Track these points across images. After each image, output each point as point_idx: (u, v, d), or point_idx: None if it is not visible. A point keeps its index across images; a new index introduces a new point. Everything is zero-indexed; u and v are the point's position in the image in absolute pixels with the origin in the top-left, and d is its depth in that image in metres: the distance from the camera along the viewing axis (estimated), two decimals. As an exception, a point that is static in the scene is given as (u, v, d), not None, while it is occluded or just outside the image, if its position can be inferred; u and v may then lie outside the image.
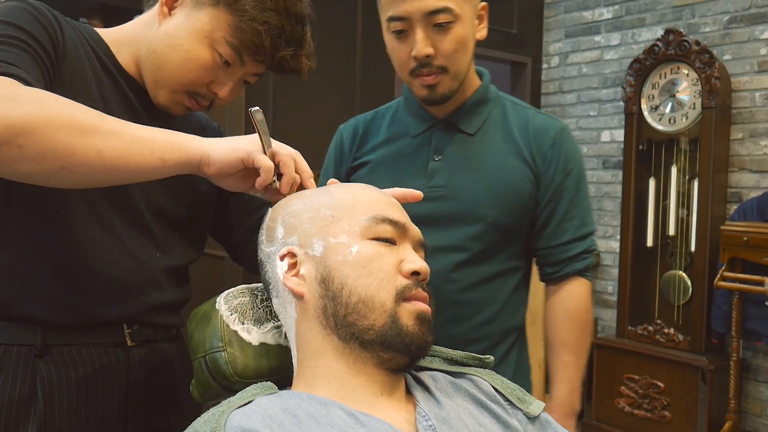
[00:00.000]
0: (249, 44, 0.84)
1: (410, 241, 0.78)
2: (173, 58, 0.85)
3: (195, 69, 0.85)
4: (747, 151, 2.88)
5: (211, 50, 0.85)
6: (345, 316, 0.71)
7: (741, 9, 2.89)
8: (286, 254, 0.76)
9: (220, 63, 0.85)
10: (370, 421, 0.67)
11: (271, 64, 0.88)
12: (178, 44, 0.84)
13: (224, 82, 0.88)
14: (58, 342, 0.83)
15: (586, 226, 1.19)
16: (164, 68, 0.86)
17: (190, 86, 0.87)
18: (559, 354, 1.20)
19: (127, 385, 0.88)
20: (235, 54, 0.85)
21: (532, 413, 0.78)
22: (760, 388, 2.86)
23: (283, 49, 0.86)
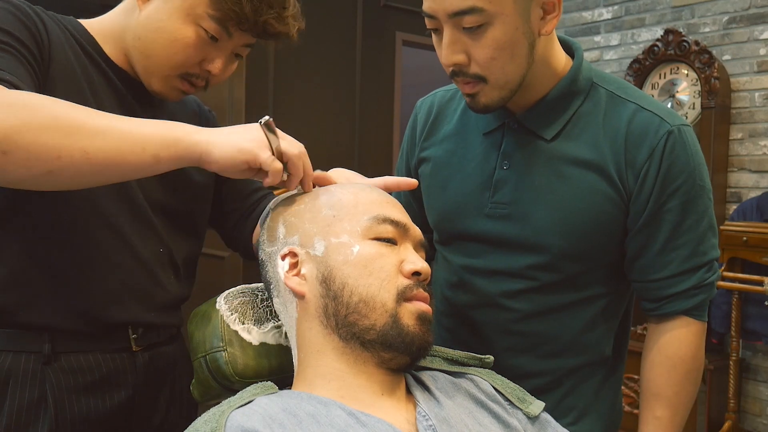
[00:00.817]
0: (230, 13, 0.81)
1: (411, 241, 0.78)
2: (159, 42, 0.83)
3: (182, 49, 0.83)
4: (746, 151, 2.88)
5: (195, 27, 0.82)
6: (346, 315, 0.71)
7: (740, 9, 2.89)
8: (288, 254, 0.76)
9: (207, 39, 0.83)
10: (371, 420, 0.67)
11: (257, 31, 0.85)
12: (162, 27, 0.82)
13: (215, 58, 0.86)
14: (65, 349, 0.83)
15: (700, 256, 0.92)
16: (152, 54, 0.84)
17: (182, 68, 0.85)
18: (651, 406, 0.97)
19: (134, 389, 0.88)
20: (220, 27, 0.83)
21: (532, 413, 0.78)
22: (760, 387, 2.87)
23: (266, 12, 0.83)
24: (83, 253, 0.83)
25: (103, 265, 0.84)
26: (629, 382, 2.92)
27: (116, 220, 0.85)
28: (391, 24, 2.89)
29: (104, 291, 0.85)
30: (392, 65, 2.91)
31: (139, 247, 0.87)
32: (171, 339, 0.97)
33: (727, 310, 2.68)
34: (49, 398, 0.81)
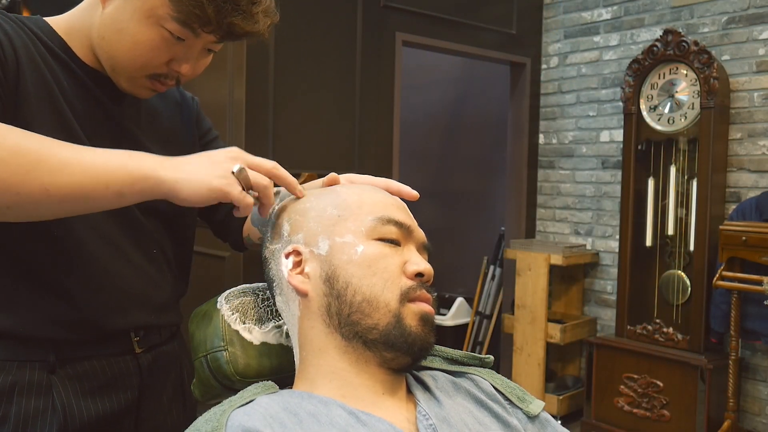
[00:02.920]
0: (192, 16, 0.75)
1: (414, 242, 0.78)
2: (122, 44, 0.78)
3: (147, 52, 0.78)
4: (745, 151, 2.89)
5: (158, 29, 0.77)
6: (349, 315, 0.71)
7: (739, 9, 2.90)
8: (292, 252, 0.76)
9: (172, 40, 0.78)
10: (371, 420, 0.67)
11: (222, 33, 0.78)
12: (124, 28, 0.77)
13: (183, 58, 0.81)
14: (70, 356, 0.83)
15: None
16: (116, 56, 0.80)
17: (148, 69, 0.80)
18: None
19: (139, 390, 0.89)
20: (185, 28, 0.77)
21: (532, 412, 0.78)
22: (759, 387, 2.87)
23: (231, 13, 0.76)
24: (80, 268, 0.82)
25: (101, 276, 0.84)
26: (629, 382, 2.93)
27: (109, 230, 0.84)
28: (391, 24, 2.89)
29: (105, 300, 0.85)
30: (392, 65, 2.91)
31: (133, 253, 0.87)
32: (171, 337, 0.97)
33: (727, 310, 2.68)
34: (57, 404, 0.81)
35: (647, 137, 3.01)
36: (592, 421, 3.06)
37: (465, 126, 4.27)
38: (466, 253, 4.19)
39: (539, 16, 3.62)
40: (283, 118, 2.56)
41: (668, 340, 2.88)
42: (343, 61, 2.75)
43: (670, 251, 3.01)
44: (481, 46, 3.32)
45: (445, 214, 4.30)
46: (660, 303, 3.03)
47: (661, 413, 2.82)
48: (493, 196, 4.10)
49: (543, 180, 3.66)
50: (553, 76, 3.60)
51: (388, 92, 2.91)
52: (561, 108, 3.57)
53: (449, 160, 4.37)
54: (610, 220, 3.38)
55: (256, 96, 2.48)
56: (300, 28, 2.60)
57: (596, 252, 3.42)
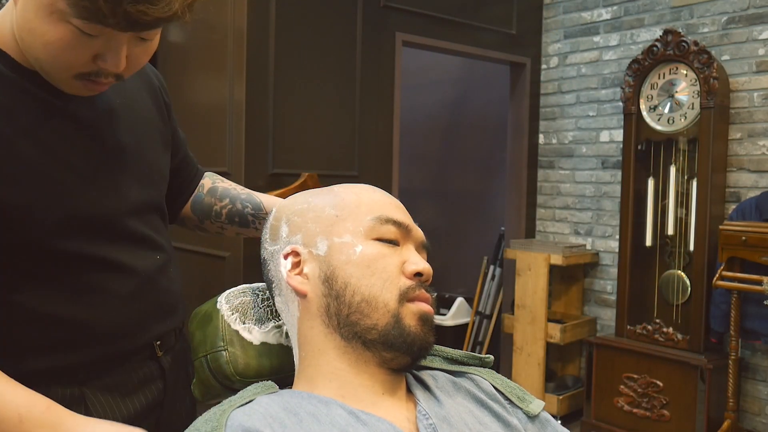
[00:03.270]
0: (85, 11, 0.65)
1: (413, 242, 0.78)
2: (36, 45, 0.70)
3: (62, 51, 0.69)
4: (745, 151, 2.89)
5: (65, 25, 0.67)
6: (348, 315, 0.71)
7: (739, 9, 2.90)
8: (290, 253, 0.76)
9: (83, 36, 0.68)
10: (371, 419, 0.67)
11: (125, 25, 0.67)
12: (33, 28, 0.69)
13: (109, 54, 0.71)
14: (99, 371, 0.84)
15: None
16: (37, 57, 0.72)
17: (72, 69, 0.72)
18: None
19: (164, 392, 0.91)
20: (92, 22, 0.67)
21: (532, 412, 0.78)
22: (759, 386, 2.87)
23: (127, 3, 0.64)
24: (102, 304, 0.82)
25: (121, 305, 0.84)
26: (629, 381, 2.93)
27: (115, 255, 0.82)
28: (391, 24, 2.89)
29: (128, 325, 0.85)
30: (392, 65, 2.91)
31: (144, 268, 0.86)
32: (179, 335, 0.98)
33: (726, 310, 2.68)
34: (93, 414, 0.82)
35: (647, 137, 3.01)
36: (592, 421, 3.06)
37: (465, 126, 4.27)
38: (466, 253, 4.19)
39: (539, 16, 3.62)
40: (283, 118, 2.56)
41: (668, 339, 2.88)
42: (343, 61, 2.75)
43: (670, 251, 3.01)
44: (481, 46, 3.32)
45: (445, 214, 4.30)
46: (660, 303, 3.03)
47: (661, 413, 2.83)
48: (493, 196, 4.10)
49: (543, 180, 3.67)
50: (552, 76, 3.61)
51: (388, 92, 2.91)
52: (561, 108, 3.57)
53: (449, 160, 4.37)
54: (610, 220, 3.38)
55: (256, 96, 2.48)
56: (300, 28, 2.60)
57: (596, 252, 3.42)
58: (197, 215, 1.05)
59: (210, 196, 1.04)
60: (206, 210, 1.04)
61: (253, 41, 2.46)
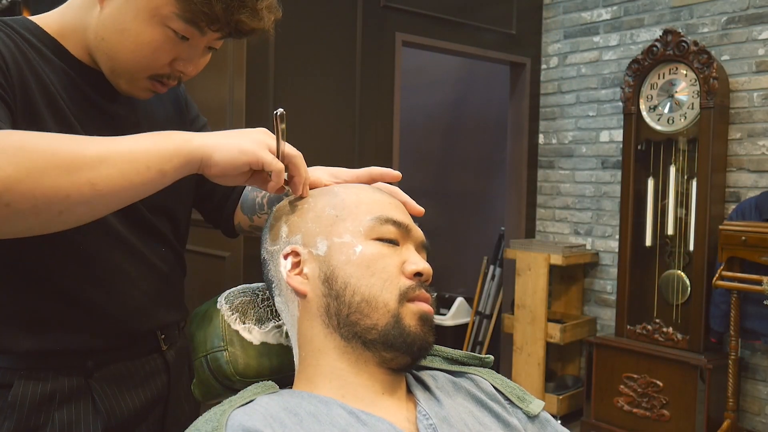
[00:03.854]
0: (200, 15, 0.73)
1: (413, 242, 0.78)
2: (125, 45, 0.76)
3: (151, 53, 0.77)
4: (745, 151, 2.89)
5: (163, 28, 0.75)
6: (348, 315, 0.71)
7: (739, 9, 2.90)
8: (290, 253, 0.76)
9: (176, 39, 0.76)
10: (371, 419, 0.67)
11: (229, 30, 0.77)
12: (126, 29, 0.75)
13: (188, 58, 0.79)
14: (105, 361, 0.86)
15: None
16: (117, 57, 0.78)
17: (150, 70, 0.79)
18: None
19: (169, 386, 0.93)
20: (192, 26, 0.75)
21: (532, 412, 0.78)
22: (759, 386, 2.87)
23: (238, 10, 0.75)
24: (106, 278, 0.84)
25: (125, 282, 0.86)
26: (629, 381, 2.93)
27: (125, 235, 0.85)
28: (390, 24, 2.89)
29: (131, 306, 0.87)
30: (392, 66, 2.91)
31: (149, 254, 0.88)
32: (181, 331, 1.00)
33: (726, 310, 2.69)
34: (100, 407, 0.83)
35: (647, 137, 3.01)
36: (591, 421, 3.06)
37: (465, 126, 4.27)
38: (466, 253, 4.19)
39: (539, 17, 3.62)
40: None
41: (668, 339, 2.88)
42: (343, 62, 2.75)
43: (669, 251, 3.01)
44: (481, 47, 3.32)
45: (445, 214, 4.30)
46: (660, 303, 3.03)
47: (660, 413, 2.83)
48: (493, 196, 4.11)
49: (543, 180, 3.67)
50: (552, 76, 3.61)
51: (388, 92, 2.91)
52: (561, 108, 3.58)
53: (449, 160, 4.37)
54: (610, 220, 3.38)
55: (256, 96, 2.49)
56: (300, 29, 2.60)
57: (596, 252, 3.42)
58: (247, 214, 1.03)
59: (252, 190, 1.03)
60: (251, 205, 1.02)
61: (253, 41, 2.47)
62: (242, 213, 1.03)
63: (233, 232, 1.05)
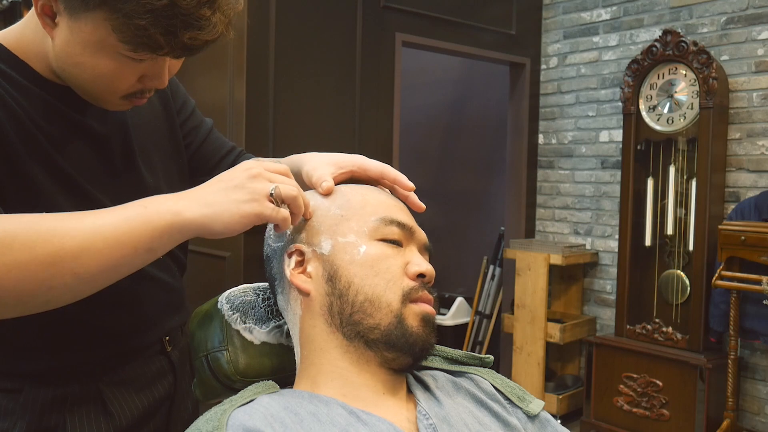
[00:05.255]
0: (141, 46, 0.68)
1: (416, 243, 0.79)
2: (84, 77, 0.73)
3: (112, 81, 0.73)
4: (744, 151, 2.89)
5: (115, 56, 0.70)
6: (351, 314, 0.72)
7: (738, 10, 2.90)
8: (294, 251, 0.77)
9: (134, 63, 0.71)
10: (372, 419, 0.67)
11: (178, 53, 0.71)
12: (80, 62, 0.71)
13: (155, 74, 0.75)
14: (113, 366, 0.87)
15: None
16: (82, 87, 0.75)
17: (120, 93, 0.75)
18: None
19: (174, 386, 0.95)
20: (142, 52, 0.70)
21: (532, 412, 0.78)
22: (758, 386, 2.87)
23: (182, 31, 0.67)
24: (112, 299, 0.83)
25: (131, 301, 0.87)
26: (629, 381, 2.93)
27: None
28: (390, 25, 2.89)
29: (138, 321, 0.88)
30: (392, 66, 2.91)
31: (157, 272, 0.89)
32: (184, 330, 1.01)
33: (726, 309, 2.69)
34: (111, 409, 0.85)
35: (646, 137, 3.02)
36: (591, 421, 3.06)
37: (465, 126, 4.27)
38: (466, 253, 4.19)
39: (538, 17, 3.63)
40: (283, 118, 2.56)
41: (667, 339, 2.88)
42: (343, 62, 2.75)
43: (669, 251, 3.02)
44: (481, 47, 3.32)
45: (445, 214, 4.30)
46: (659, 302, 3.04)
47: (660, 412, 2.83)
48: (493, 196, 4.11)
49: (542, 180, 3.67)
50: (552, 76, 3.61)
51: (388, 93, 2.92)
52: (560, 108, 3.58)
53: (449, 160, 4.38)
54: (610, 219, 3.38)
55: (256, 96, 2.49)
56: (300, 29, 2.60)
57: (596, 252, 3.43)
58: None
59: None
60: None
61: (253, 41, 2.47)
62: None
63: None
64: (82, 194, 0.78)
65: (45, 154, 0.75)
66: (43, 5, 0.69)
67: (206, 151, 1.01)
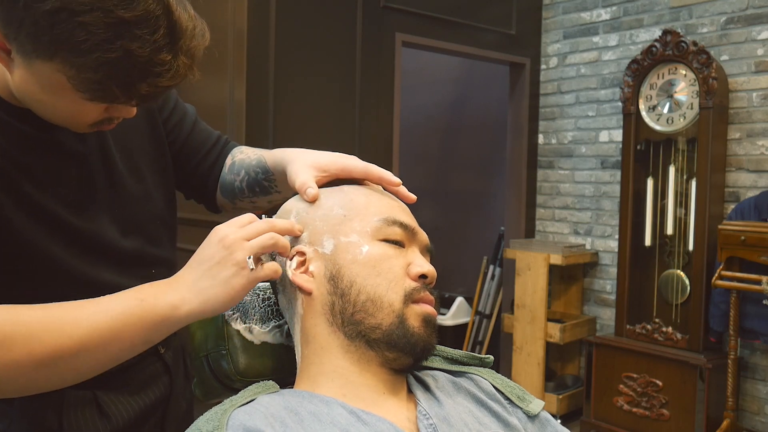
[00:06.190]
0: (98, 97, 0.65)
1: (418, 245, 0.79)
2: (46, 113, 0.71)
3: (74, 117, 0.70)
4: (744, 151, 2.89)
5: (75, 99, 0.66)
6: (353, 314, 0.72)
7: (738, 10, 2.90)
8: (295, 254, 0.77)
9: (91, 102, 0.67)
10: (372, 419, 0.67)
11: (142, 99, 0.67)
12: (41, 100, 0.69)
13: (119, 110, 0.72)
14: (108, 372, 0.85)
15: None
16: (47, 118, 0.72)
17: (86, 123, 0.72)
18: None
19: (170, 387, 0.94)
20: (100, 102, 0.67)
21: (532, 412, 0.78)
22: (758, 386, 2.88)
23: (140, 81, 0.64)
24: None
25: None
26: (629, 381, 2.93)
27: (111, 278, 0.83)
28: (390, 25, 2.89)
29: None
30: (392, 66, 2.91)
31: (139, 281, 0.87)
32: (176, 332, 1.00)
33: (726, 309, 2.69)
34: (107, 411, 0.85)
35: (646, 137, 3.02)
36: (591, 421, 3.07)
37: (465, 126, 4.27)
38: (466, 253, 4.19)
39: (538, 17, 3.63)
40: (283, 118, 2.56)
41: (667, 339, 2.88)
42: (343, 62, 2.75)
43: (669, 251, 3.02)
44: (481, 47, 3.32)
45: (445, 214, 4.31)
46: (659, 302, 3.04)
47: (660, 412, 2.83)
48: (493, 196, 4.11)
49: (542, 180, 3.67)
50: (552, 76, 3.61)
51: (388, 93, 2.92)
52: (560, 108, 3.58)
53: (449, 160, 4.38)
54: (610, 219, 3.38)
55: (256, 96, 2.49)
56: (300, 29, 2.60)
57: (595, 252, 3.43)
58: (227, 198, 1.00)
59: (230, 173, 0.99)
60: (231, 189, 0.99)
61: (253, 41, 2.47)
62: (222, 197, 1.01)
63: (216, 208, 1.05)
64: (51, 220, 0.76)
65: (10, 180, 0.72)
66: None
67: (193, 144, 0.99)
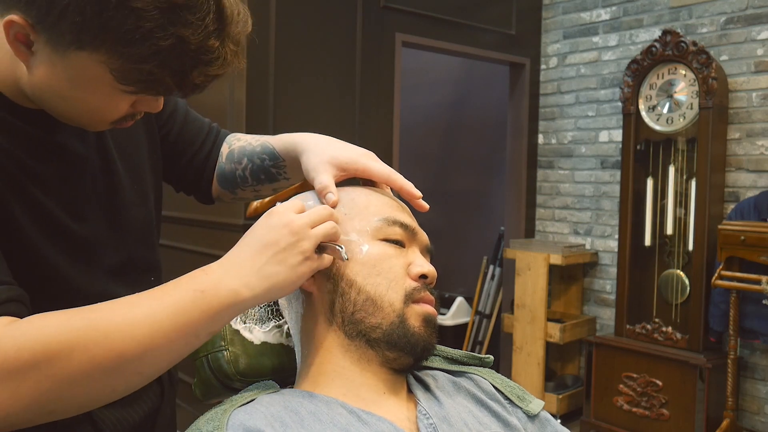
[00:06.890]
0: (147, 89, 0.62)
1: (418, 245, 0.79)
2: (71, 111, 0.67)
3: (101, 113, 0.67)
4: (744, 151, 2.89)
5: (110, 92, 0.63)
6: (353, 313, 0.72)
7: (738, 10, 2.90)
8: None
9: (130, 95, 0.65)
10: (372, 419, 0.67)
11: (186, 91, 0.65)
12: (68, 96, 0.65)
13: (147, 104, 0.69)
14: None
15: None
16: (67, 117, 0.69)
17: (110, 120, 0.69)
18: None
19: (162, 397, 0.92)
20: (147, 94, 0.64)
21: (532, 411, 0.78)
22: (758, 385, 2.88)
23: (192, 69, 0.62)
24: None
25: None
26: (629, 381, 2.93)
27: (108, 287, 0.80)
28: (390, 25, 2.90)
29: None
30: (392, 66, 2.91)
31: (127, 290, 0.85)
32: None
33: (725, 309, 2.69)
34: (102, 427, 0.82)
35: (646, 137, 3.02)
36: (591, 420, 3.07)
37: (465, 126, 4.27)
38: (466, 252, 4.19)
39: (538, 17, 3.63)
40: (283, 119, 2.56)
41: (667, 339, 2.89)
42: (343, 62, 2.76)
43: (669, 251, 3.02)
44: (481, 47, 3.32)
45: (445, 214, 4.31)
46: (659, 302, 3.04)
47: (660, 412, 2.83)
48: (493, 196, 4.11)
49: (542, 180, 3.67)
50: (552, 76, 3.61)
51: (388, 93, 2.92)
52: (560, 108, 3.58)
53: (449, 160, 4.38)
54: (609, 219, 3.38)
55: (256, 96, 2.49)
56: (300, 29, 2.61)
57: (595, 252, 3.43)
58: (227, 188, 0.98)
59: (229, 162, 0.97)
60: (231, 179, 0.96)
61: (253, 41, 2.47)
62: (221, 187, 0.98)
63: (210, 200, 1.02)
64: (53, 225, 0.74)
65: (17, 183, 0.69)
66: (16, 33, 0.60)
67: (187, 136, 0.96)
